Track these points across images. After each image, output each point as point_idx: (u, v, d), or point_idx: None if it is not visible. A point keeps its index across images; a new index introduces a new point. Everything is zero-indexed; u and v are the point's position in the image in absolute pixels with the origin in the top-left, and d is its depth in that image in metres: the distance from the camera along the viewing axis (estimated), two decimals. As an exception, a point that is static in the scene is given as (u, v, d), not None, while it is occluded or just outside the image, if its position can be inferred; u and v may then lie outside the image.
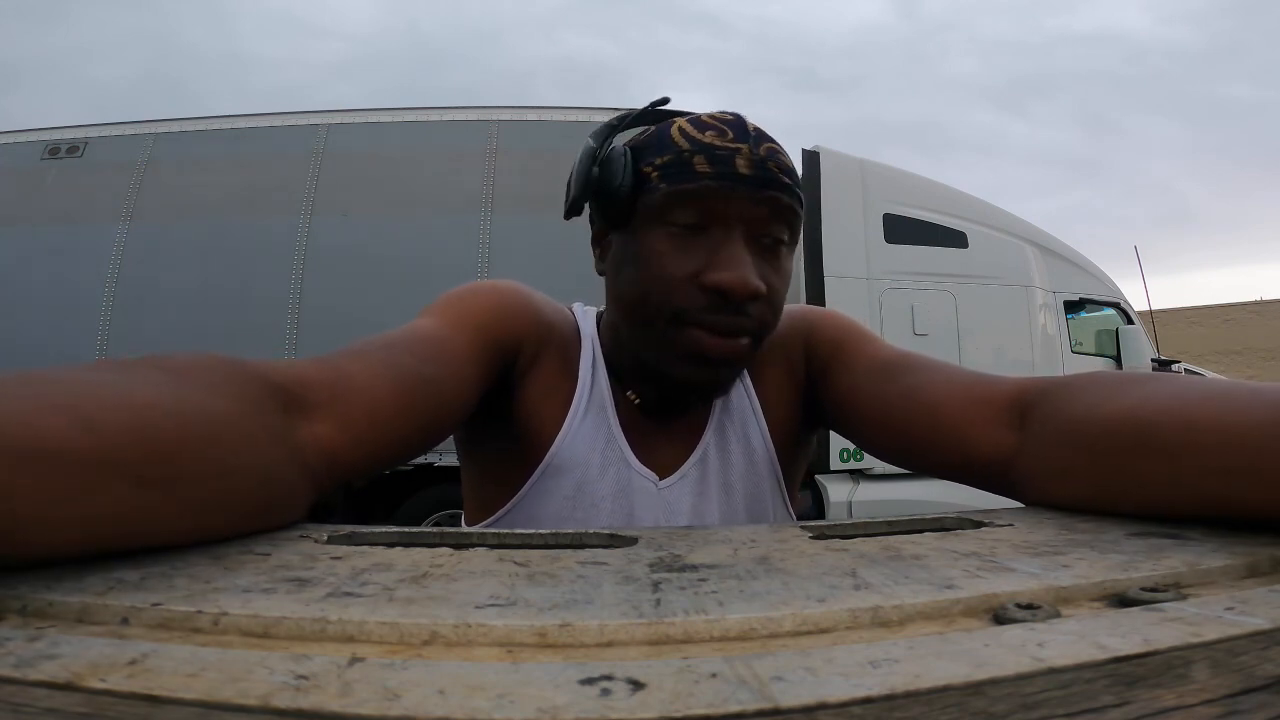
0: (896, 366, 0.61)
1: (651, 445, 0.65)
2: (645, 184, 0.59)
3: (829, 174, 4.71)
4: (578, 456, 0.63)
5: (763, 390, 0.68)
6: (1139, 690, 0.18)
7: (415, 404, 0.50)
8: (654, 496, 0.64)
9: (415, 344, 0.54)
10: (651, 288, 0.58)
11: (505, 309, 0.62)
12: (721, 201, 0.57)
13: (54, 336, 4.32)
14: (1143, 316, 5.31)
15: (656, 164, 0.59)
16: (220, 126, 4.93)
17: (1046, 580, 0.27)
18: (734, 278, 0.56)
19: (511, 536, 0.36)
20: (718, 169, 0.57)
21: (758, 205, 0.57)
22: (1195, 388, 0.41)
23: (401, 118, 4.78)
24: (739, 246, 0.57)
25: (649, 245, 0.59)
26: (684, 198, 0.57)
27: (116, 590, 0.25)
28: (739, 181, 0.57)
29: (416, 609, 0.24)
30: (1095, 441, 0.43)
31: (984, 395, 0.55)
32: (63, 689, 0.18)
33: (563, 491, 0.63)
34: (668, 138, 0.60)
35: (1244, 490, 0.34)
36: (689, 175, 0.57)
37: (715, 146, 0.57)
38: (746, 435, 0.67)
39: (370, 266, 4.20)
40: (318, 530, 0.37)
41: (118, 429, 0.29)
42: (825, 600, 0.25)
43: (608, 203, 0.60)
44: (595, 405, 0.65)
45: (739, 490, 0.66)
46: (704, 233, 0.57)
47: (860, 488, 4.39)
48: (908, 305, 4.65)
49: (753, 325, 0.58)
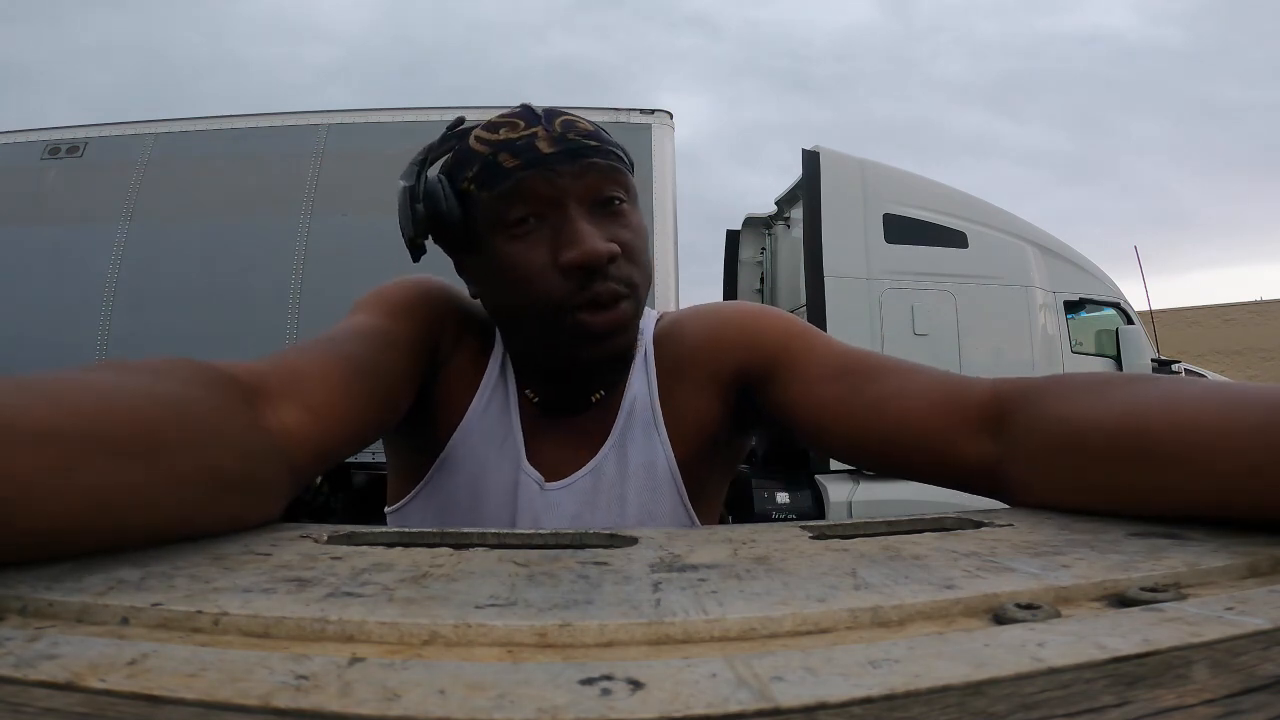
0: (857, 372, 0.59)
1: (552, 448, 0.65)
2: (468, 200, 0.60)
3: (829, 174, 4.71)
4: (474, 451, 0.64)
5: (671, 401, 0.66)
6: (1139, 690, 0.18)
7: (368, 389, 0.53)
8: (536, 499, 0.63)
9: (358, 335, 0.57)
10: (519, 292, 0.58)
11: (430, 301, 0.64)
12: (542, 186, 0.57)
13: (54, 336, 4.31)
14: (1143, 316, 5.31)
15: (469, 177, 0.59)
16: (220, 126, 4.93)
17: (1046, 580, 0.27)
18: (583, 251, 0.56)
19: (511, 537, 0.36)
20: (524, 158, 0.57)
21: (579, 177, 0.58)
22: (1182, 390, 0.40)
23: (401, 118, 4.78)
24: (578, 221, 0.57)
25: (499, 254, 0.59)
26: (507, 198, 0.58)
27: (116, 590, 0.25)
28: (547, 161, 0.57)
29: (416, 609, 0.24)
30: (1084, 448, 0.43)
31: (958, 401, 0.53)
32: (63, 689, 0.18)
33: (456, 484, 0.64)
34: (469, 150, 0.60)
35: (1235, 494, 0.34)
36: (501, 175, 0.58)
37: (513, 140, 0.58)
38: (649, 449, 0.65)
39: (370, 266, 4.19)
40: (318, 530, 0.37)
41: (96, 409, 0.31)
42: (825, 600, 0.25)
43: (445, 232, 0.61)
44: (498, 401, 0.65)
45: (632, 504, 0.64)
46: (543, 222, 0.58)
47: (860, 488, 4.39)
48: (908, 305, 4.65)
49: (624, 287, 0.58)
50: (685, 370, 0.66)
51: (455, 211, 0.60)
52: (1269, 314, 15.69)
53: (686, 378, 0.66)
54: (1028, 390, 0.50)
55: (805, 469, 4.54)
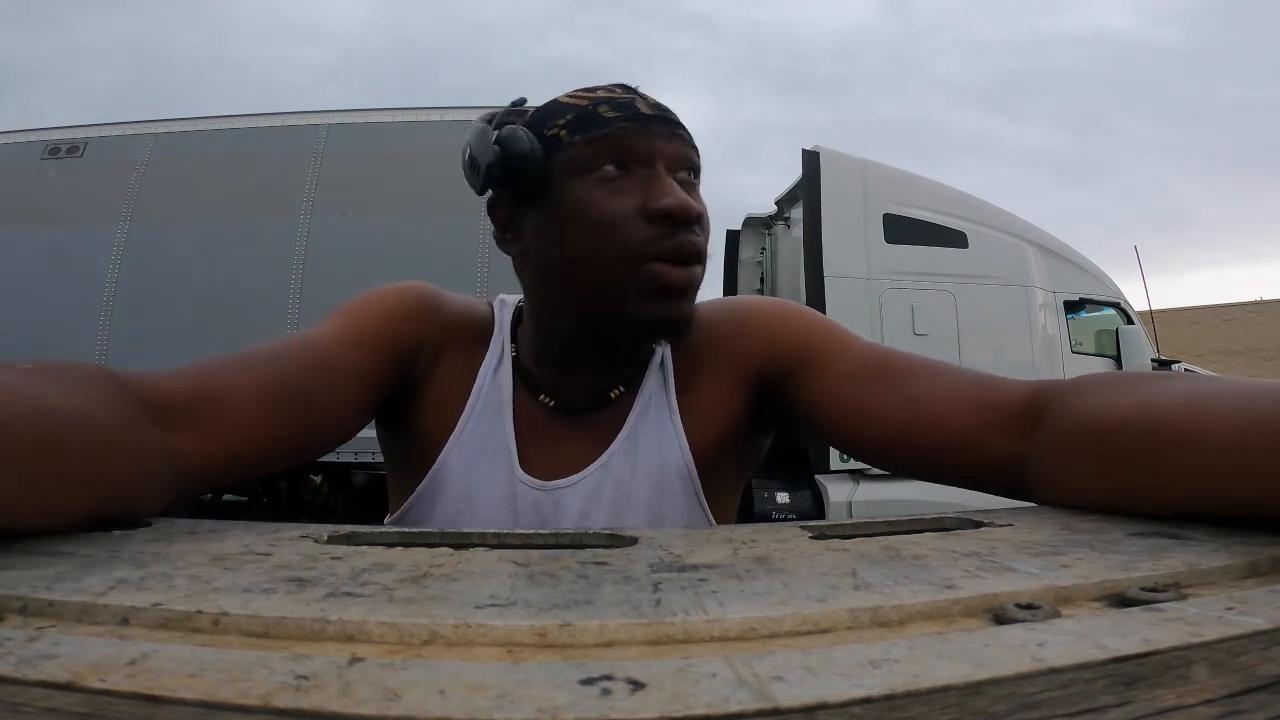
0: (891, 371, 0.58)
1: (555, 447, 0.63)
2: (556, 144, 0.59)
3: (829, 174, 4.71)
4: (466, 461, 0.62)
5: (688, 394, 0.64)
6: (1139, 690, 0.18)
7: (283, 419, 0.52)
8: (542, 500, 0.61)
9: (301, 356, 0.56)
10: (599, 236, 0.58)
11: (401, 314, 0.62)
12: (639, 139, 0.58)
13: (54, 337, 4.32)
14: (1143, 316, 5.32)
15: (560, 124, 0.59)
16: (220, 126, 4.94)
17: (1046, 580, 0.27)
18: (677, 200, 0.56)
19: (511, 537, 0.36)
20: (625, 112, 0.58)
21: (670, 141, 0.59)
22: (1205, 385, 0.41)
23: (401, 118, 4.78)
24: (667, 178, 0.58)
25: (580, 199, 0.58)
26: (603, 144, 0.58)
27: (116, 590, 0.25)
28: (648, 120, 0.59)
29: (416, 609, 0.24)
30: (1106, 442, 0.43)
31: (995, 403, 0.53)
32: (63, 689, 0.18)
33: (450, 496, 0.62)
34: (559, 104, 0.60)
35: (1258, 489, 0.34)
36: (601, 122, 0.58)
37: (614, 97, 0.59)
38: (663, 445, 0.63)
39: (370, 266, 4.20)
40: (318, 530, 0.37)
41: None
42: (825, 600, 0.25)
43: (520, 173, 0.59)
44: (490, 408, 0.63)
45: (641, 503, 0.62)
46: (628, 173, 0.58)
47: (860, 488, 4.39)
48: (908, 305, 4.65)
49: (700, 251, 0.59)
50: (704, 365, 0.65)
51: (539, 151, 0.59)
52: (1269, 314, 15.69)
53: (706, 373, 0.65)
54: (1059, 390, 0.50)
55: (805, 469, 4.54)
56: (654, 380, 0.65)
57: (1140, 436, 0.41)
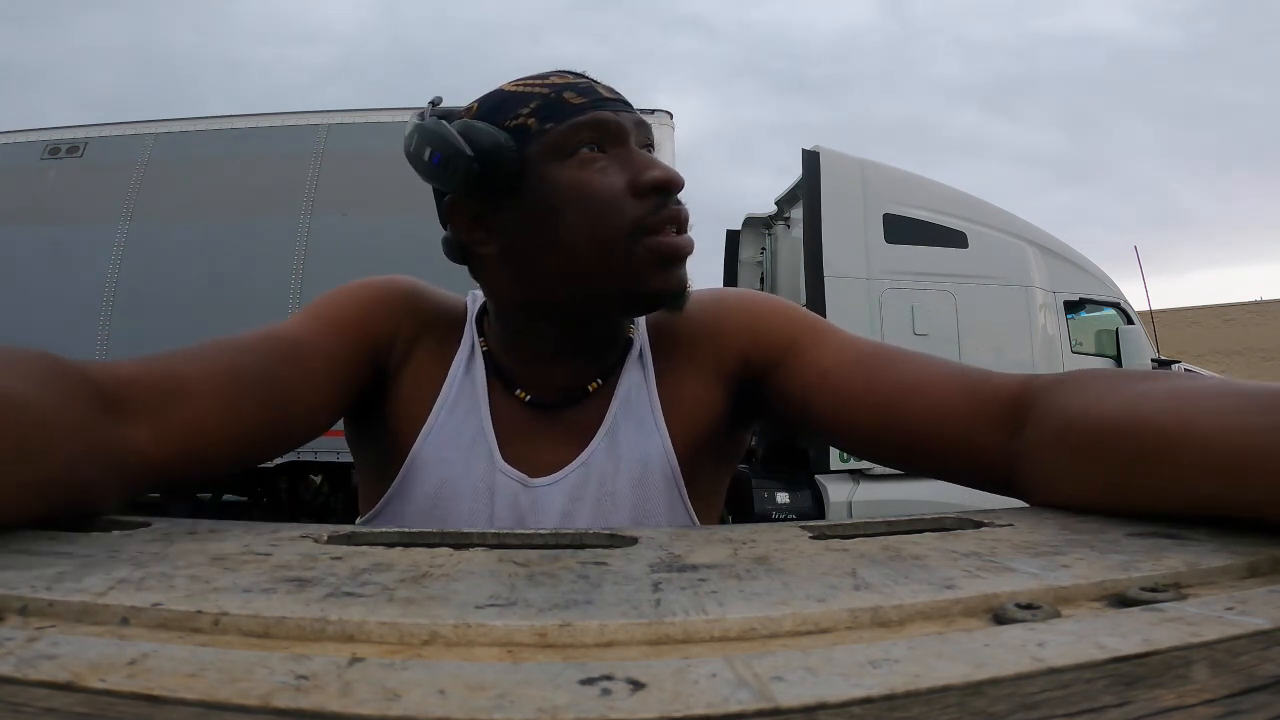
0: (878, 361, 0.58)
1: (538, 444, 0.62)
2: (524, 133, 0.58)
3: (829, 174, 4.71)
4: (440, 453, 0.61)
5: (668, 388, 0.63)
6: (1139, 690, 0.18)
7: (250, 413, 0.50)
8: (521, 496, 0.60)
9: (270, 344, 0.55)
10: (591, 217, 0.57)
11: (374, 307, 0.62)
12: (612, 121, 0.58)
13: (54, 337, 4.32)
14: (1143, 316, 5.32)
15: (525, 113, 0.58)
16: (220, 126, 4.94)
17: (1046, 580, 0.27)
18: (664, 172, 0.57)
19: (511, 537, 0.36)
20: (590, 97, 0.58)
21: (633, 119, 0.60)
22: (1193, 385, 0.41)
23: (401, 118, 4.77)
24: (644, 153, 0.59)
25: (564, 184, 0.57)
26: (579, 130, 0.58)
27: (116, 590, 0.25)
28: (611, 103, 0.59)
29: (416, 609, 0.24)
30: (1089, 443, 0.43)
31: (982, 394, 0.53)
32: (63, 689, 0.18)
33: (424, 489, 0.61)
34: (515, 95, 0.59)
35: (1244, 490, 0.34)
36: (570, 109, 0.58)
37: (576, 83, 0.59)
38: (644, 441, 0.62)
39: (370, 266, 4.18)
40: (318, 530, 0.37)
41: None
42: (825, 600, 0.25)
43: (498, 165, 0.57)
44: (465, 400, 0.62)
45: (625, 501, 0.61)
46: (606, 155, 0.58)
47: (860, 488, 4.39)
48: (908, 305, 4.65)
49: (688, 218, 0.59)
50: (685, 359, 0.64)
51: (510, 141, 0.57)
52: (1269, 314, 15.70)
53: (686, 366, 0.64)
54: (1047, 386, 0.50)
55: (805, 469, 4.54)
56: (633, 373, 0.64)
57: (1122, 441, 0.40)
